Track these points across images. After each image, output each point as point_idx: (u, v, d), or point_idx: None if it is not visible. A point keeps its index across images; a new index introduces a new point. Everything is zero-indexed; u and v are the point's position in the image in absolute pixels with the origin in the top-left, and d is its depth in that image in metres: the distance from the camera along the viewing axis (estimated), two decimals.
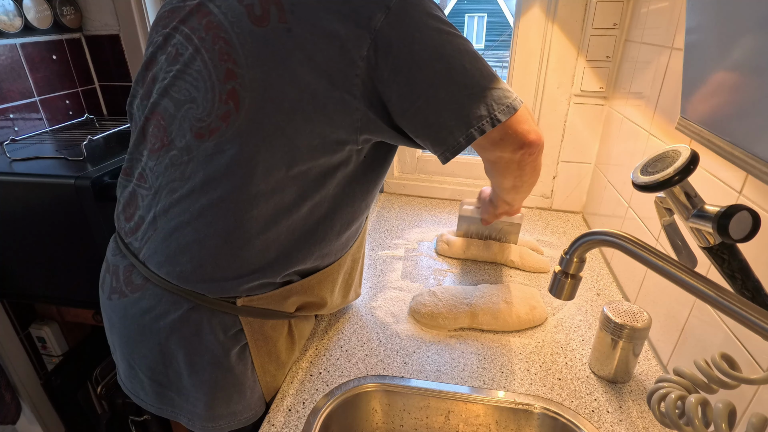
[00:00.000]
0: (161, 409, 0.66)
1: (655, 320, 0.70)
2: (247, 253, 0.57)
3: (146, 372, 0.64)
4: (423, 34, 0.51)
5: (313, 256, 0.63)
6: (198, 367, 0.61)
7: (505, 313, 0.79)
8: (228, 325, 0.61)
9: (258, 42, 0.52)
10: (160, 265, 0.60)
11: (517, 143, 0.58)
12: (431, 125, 0.55)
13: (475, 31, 12.42)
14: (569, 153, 1.19)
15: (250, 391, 0.65)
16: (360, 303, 0.87)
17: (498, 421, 0.67)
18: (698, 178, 0.54)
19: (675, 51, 0.74)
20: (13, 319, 1.28)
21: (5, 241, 1.09)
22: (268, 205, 0.56)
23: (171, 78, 0.58)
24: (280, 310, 0.64)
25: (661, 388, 0.45)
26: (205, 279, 0.58)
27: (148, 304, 0.61)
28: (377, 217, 1.24)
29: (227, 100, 0.53)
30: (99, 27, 1.41)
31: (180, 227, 0.57)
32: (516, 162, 0.62)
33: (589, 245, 0.47)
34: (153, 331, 0.61)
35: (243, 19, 0.53)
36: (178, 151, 0.57)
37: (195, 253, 0.57)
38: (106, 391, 1.38)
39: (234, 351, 0.62)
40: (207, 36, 0.55)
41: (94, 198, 0.98)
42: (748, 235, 0.39)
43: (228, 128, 0.54)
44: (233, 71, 0.53)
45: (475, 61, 0.53)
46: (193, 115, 0.56)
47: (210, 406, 0.63)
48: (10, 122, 1.23)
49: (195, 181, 0.56)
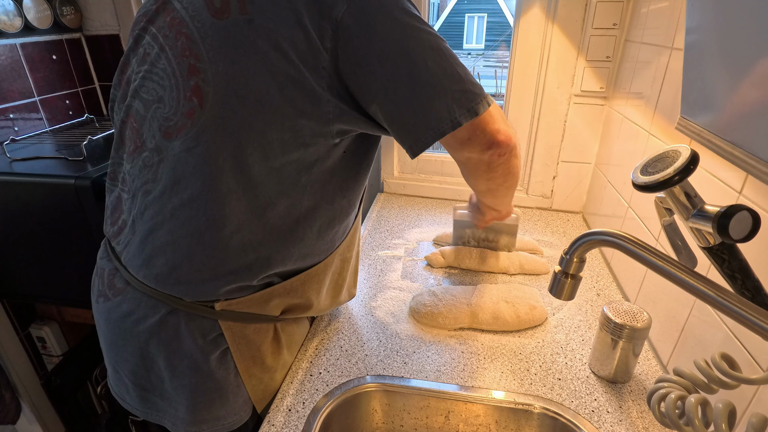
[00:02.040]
0: (146, 413, 0.66)
1: (655, 320, 0.70)
2: (222, 253, 0.56)
3: (129, 376, 0.64)
4: (385, 27, 0.49)
5: (293, 258, 0.61)
6: (178, 371, 0.60)
7: (505, 313, 0.79)
8: (206, 330, 0.60)
9: (219, 35, 0.51)
10: (138, 268, 0.59)
11: (484, 143, 0.56)
12: (393, 121, 0.54)
13: (475, 31, 12.42)
14: (569, 153, 1.19)
15: (233, 396, 0.64)
16: (360, 303, 0.87)
17: (498, 421, 0.67)
18: (698, 178, 0.54)
19: (675, 51, 0.74)
20: (13, 319, 1.28)
21: (5, 241, 1.09)
22: (240, 203, 0.54)
23: (140, 79, 0.57)
24: (263, 313, 0.63)
25: (661, 388, 0.45)
26: (181, 281, 0.57)
27: (128, 308, 0.60)
28: (377, 217, 1.24)
29: (191, 96, 0.52)
30: (99, 27, 1.42)
31: (154, 229, 0.57)
32: (485, 163, 0.60)
33: (589, 245, 0.47)
34: (133, 335, 0.60)
35: (203, 12, 0.52)
36: (149, 152, 0.57)
37: (169, 255, 0.56)
38: (106, 391, 1.38)
39: (214, 356, 0.61)
40: (170, 33, 0.54)
41: (94, 198, 0.98)
42: (748, 235, 0.39)
43: (193, 125, 0.53)
44: (195, 66, 0.52)
45: (440, 58, 0.51)
46: (161, 115, 0.55)
47: (192, 411, 0.62)
48: (10, 122, 1.23)
49: (166, 181, 0.55)
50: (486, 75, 7.14)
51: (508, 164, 0.61)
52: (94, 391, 1.39)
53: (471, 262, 0.98)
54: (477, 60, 10.27)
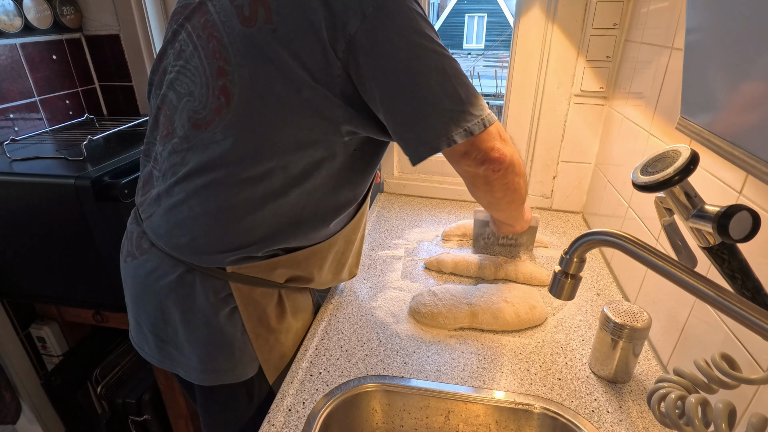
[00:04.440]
0: (162, 362, 0.74)
1: (655, 320, 0.70)
2: (234, 231, 0.63)
3: (149, 328, 0.71)
4: (394, 46, 0.54)
5: (297, 238, 0.67)
6: (192, 325, 0.67)
7: (505, 313, 0.79)
8: (218, 289, 0.66)
9: (246, 41, 0.56)
10: (160, 237, 0.67)
11: (478, 159, 0.60)
12: (395, 132, 0.59)
13: (475, 31, 12.42)
14: (569, 153, 1.19)
15: (239, 351, 0.69)
16: (360, 303, 0.87)
17: (498, 421, 0.67)
18: (698, 178, 0.54)
19: (675, 51, 0.74)
20: (13, 319, 1.28)
21: (5, 241, 1.09)
22: (256, 190, 0.61)
23: (176, 72, 0.64)
24: (269, 279, 0.69)
25: (661, 388, 0.45)
26: (197, 251, 0.65)
27: (152, 266, 0.68)
28: (377, 217, 1.25)
29: (219, 95, 0.59)
30: (99, 27, 1.42)
31: (178, 205, 0.64)
32: (482, 177, 0.64)
33: (589, 245, 0.47)
34: (154, 291, 0.68)
35: (233, 18, 0.57)
36: (179, 139, 0.64)
37: (188, 228, 0.64)
38: (106, 391, 1.38)
39: (223, 312, 0.67)
40: (203, 34, 0.60)
41: (94, 198, 0.98)
42: (748, 235, 0.39)
43: (221, 121, 0.59)
44: (224, 69, 0.58)
45: (444, 79, 0.55)
46: (191, 107, 0.62)
47: (202, 361, 0.69)
48: (10, 122, 1.23)
49: (192, 165, 0.62)
50: (486, 75, 7.13)
51: (506, 180, 0.65)
52: (94, 391, 1.39)
53: (477, 270, 0.96)
54: (477, 60, 10.27)
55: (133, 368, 1.48)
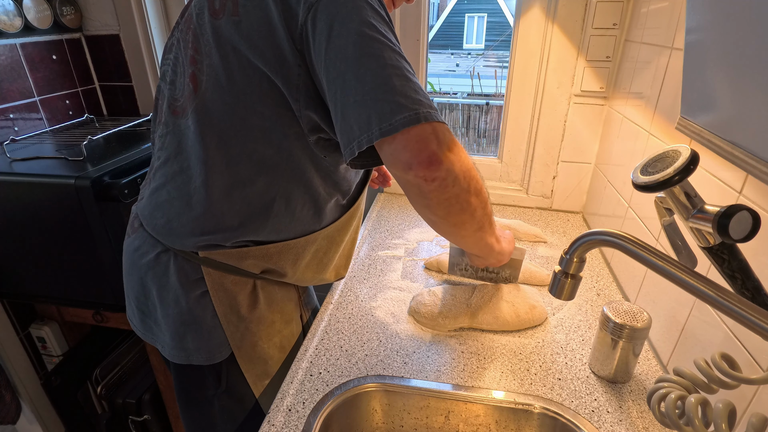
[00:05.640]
0: (145, 335, 0.78)
1: (655, 320, 0.70)
2: (203, 216, 0.65)
3: (134, 302, 0.76)
4: (333, 33, 0.51)
5: (266, 230, 0.68)
6: (165, 302, 0.71)
7: (505, 313, 0.79)
8: (189, 271, 0.69)
9: (213, 32, 0.59)
10: (145, 217, 0.72)
11: (404, 161, 0.51)
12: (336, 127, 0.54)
13: (475, 31, 12.42)
14: (569, 153, 1.19)
15: (207, 333, 0.71)
16: (360, 303, 0.87)
17: (498, 421, 0.67)
18: (698, 178, 0.54)
19: (675, 51, 0.74)
20: (13, 319, 1.28)
21: (5, 241, 1.09)
22: (222, 177, 0.63)
23: (167, 65, 0.69)
24: (241, 268, 0.70)
25: (661, 388, 0.45)
26: (171, 234, 0.68)
27: (137, 244, 0.73)
28: (377, 217, 1.24)
29: (189, 82, 0.62)
30: (99, 27, 1.41)
31: (159, 188, 0.69)
32: (414, 186, 0.54)
33: (589, 245, 0.47)
34: (138, 267, 0.73)
35: (204, 11, 0.60)
36: (162, 125, 0.68)
37: (165, 211, 0.68)
38: (106, 391, 1.38)
39: (194, 294, 0.70)
40: (184, 28, 0.65)
41: (94, 198, 0.98)
42: (748, 235, 0.39)
43: (190, 107, 0.63)
44: (195, 58, 0.61)
45: (380, 68, 0.49)
46: (171, 95, 0.66)
47: (173, 338, 0.72)
48: (10, 122, 1.23)
49: (170, 150, 0.67)
50: (486, 75, 7.14)
51: (445, 194, 0.54)
52: (94, 391, 1.39)
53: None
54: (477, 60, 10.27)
55: (133, 368, 1.48)
